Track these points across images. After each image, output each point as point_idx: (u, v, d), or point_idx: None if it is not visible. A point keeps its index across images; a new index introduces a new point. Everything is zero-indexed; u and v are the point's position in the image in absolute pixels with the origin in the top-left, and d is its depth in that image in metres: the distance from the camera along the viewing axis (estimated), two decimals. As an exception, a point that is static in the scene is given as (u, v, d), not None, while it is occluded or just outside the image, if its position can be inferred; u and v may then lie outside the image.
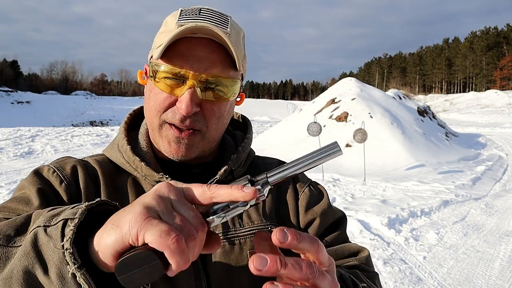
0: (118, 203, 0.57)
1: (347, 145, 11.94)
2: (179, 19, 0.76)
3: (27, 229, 0.55)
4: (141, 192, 0.82)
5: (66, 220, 0.50)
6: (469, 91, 75.07)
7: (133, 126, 0.92)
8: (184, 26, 0.72)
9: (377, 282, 0.83)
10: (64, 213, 0.51)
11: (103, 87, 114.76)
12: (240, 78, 0.81)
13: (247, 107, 56.66)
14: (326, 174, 9.33)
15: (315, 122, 9.88)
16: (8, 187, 7.34)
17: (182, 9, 0.78)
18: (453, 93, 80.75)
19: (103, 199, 0.54)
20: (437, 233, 5.38)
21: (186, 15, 0.77)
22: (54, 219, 0.51)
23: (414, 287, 3.84)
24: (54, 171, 0.79)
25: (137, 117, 0.94)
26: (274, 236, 0.46)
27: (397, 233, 5.32)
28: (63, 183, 0.77)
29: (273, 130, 16.40)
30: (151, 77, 0.77)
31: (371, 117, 13.31)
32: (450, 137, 17.10)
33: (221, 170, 0.83)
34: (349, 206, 6.42)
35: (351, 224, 5.46)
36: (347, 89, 16.12)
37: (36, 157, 11.48)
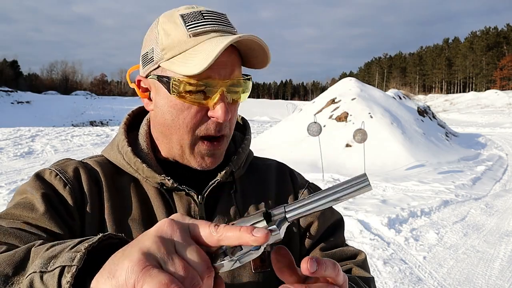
0: (120, 205, 0.55)
1: (347, 145, 11.95)
2: (189, 27, 0.73)
3: (26, 266, 0.52)
4: (143, 194, 0.81)
5: (64, 268, 0.46)
6: (469, 91, 75.06)
7: (132, 127, 0.91)
8: (222, 41, 0.69)
9: (373, 286, 0.85)
10: (62, 257, 0.47)
11: (103, 87, 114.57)
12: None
13: (247, 107, 56.68)
14: (326, 174, 9.36)
15: (315, 122, 9.88)
16: (8, 187, 7.34)
17: (182, 15, 0.75)
18: (453, 93, 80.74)
19: (106, 234, 0.49)
20: (437, 233, 5.38)
21: (193, 21, 0.74)
22: (51, 264, 0.48)
23: (414, 287, 3.85)
24: (57, 175, 0.78)
25: (136, 118, 0.93)
26: (305, 265, 0.46)
27: (397, 233, 5.32)
28: (67, 187, 0.76)
29: (273, 130, 16.39)
30: (174, 93, 0.73)
31: (371, 117, 13.31)
32: (450, 137, 17.10)
33: (222, 172, 0.83)
34: (349, 206, 6.42)
35: (351, 224, 5.46)
36: (347, 89, 16.11)
37: (36, 157, 11.49)
